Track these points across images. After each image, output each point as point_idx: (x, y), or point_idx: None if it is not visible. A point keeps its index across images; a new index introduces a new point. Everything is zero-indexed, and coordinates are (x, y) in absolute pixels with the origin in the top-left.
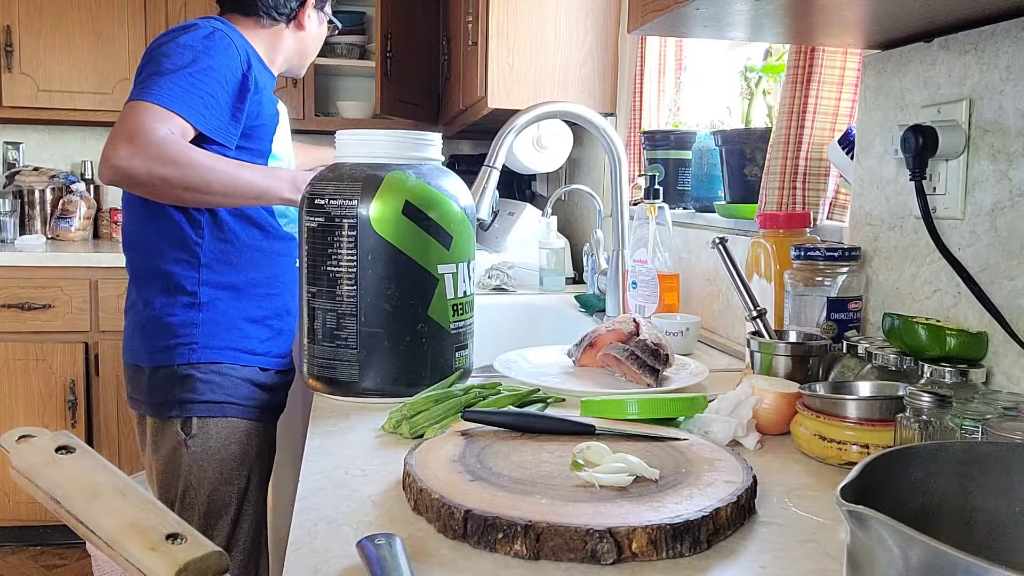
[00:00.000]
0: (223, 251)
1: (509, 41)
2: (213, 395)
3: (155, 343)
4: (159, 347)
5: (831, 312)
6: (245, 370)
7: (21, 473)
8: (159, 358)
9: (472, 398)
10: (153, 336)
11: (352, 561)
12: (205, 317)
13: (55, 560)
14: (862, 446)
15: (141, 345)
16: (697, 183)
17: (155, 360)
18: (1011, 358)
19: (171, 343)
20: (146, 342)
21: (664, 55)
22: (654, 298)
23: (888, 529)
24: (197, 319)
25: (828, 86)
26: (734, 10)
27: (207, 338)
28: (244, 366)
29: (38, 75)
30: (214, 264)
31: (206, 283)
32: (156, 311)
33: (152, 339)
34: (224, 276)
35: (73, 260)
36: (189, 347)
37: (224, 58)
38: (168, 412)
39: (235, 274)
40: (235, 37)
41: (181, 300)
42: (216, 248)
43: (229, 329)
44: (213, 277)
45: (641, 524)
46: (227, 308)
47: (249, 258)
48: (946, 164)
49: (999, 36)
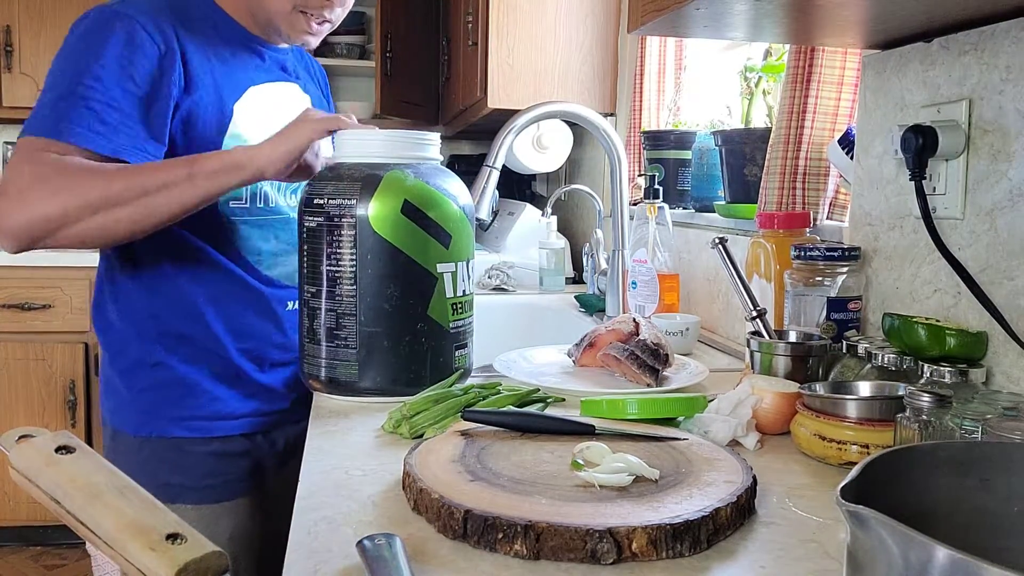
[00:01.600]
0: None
1: (509, 41)
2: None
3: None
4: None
5: (831, 312)
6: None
7: (21, 473)
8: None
9: (472, 398)
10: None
11: (352, 561)
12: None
13: (55, 560)
14: (862, 446)
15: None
16: (697, 183)
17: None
18: (1011, 358)
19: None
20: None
21: (664, 55)
22: (654, 298)
23: (888, 529)
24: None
25: (828, 86)
26: (734, 10)
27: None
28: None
29: (38, 75)
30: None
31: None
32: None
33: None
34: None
35: (73, 260)
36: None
37: (115, 50)
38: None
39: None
40: (142, 9)
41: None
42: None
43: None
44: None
45: (641, 524)
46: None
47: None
48: (946, 164)
49: (999, 36)
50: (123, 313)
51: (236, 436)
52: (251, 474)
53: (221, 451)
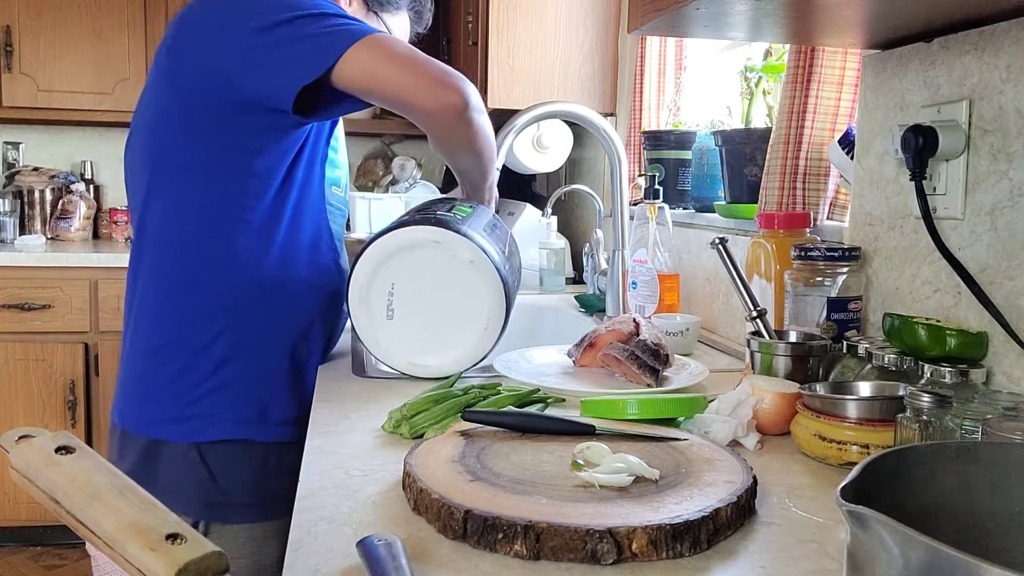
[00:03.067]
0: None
1: (509, 41)
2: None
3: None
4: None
5: (831, 312)
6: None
7: (21, 473)
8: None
9: (472, 398)
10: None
11: (352, 561)
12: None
13: (55, 560)
14: (862, 446)
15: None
16: (697, 183)
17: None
18: (1011, 358)
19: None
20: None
21: (664, 55)
22: (654, 298)
23: (888, 529)
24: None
25: (828, 86)
26: (734, 10)
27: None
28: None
29: (38, 75)
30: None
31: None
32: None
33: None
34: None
35: (73, 260)
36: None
37: None
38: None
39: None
40: None
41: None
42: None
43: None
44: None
45: (641, 524)
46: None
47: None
48: (946, 164)
49: (999, 36)
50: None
51: (289, 443)
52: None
53: (276, 462)
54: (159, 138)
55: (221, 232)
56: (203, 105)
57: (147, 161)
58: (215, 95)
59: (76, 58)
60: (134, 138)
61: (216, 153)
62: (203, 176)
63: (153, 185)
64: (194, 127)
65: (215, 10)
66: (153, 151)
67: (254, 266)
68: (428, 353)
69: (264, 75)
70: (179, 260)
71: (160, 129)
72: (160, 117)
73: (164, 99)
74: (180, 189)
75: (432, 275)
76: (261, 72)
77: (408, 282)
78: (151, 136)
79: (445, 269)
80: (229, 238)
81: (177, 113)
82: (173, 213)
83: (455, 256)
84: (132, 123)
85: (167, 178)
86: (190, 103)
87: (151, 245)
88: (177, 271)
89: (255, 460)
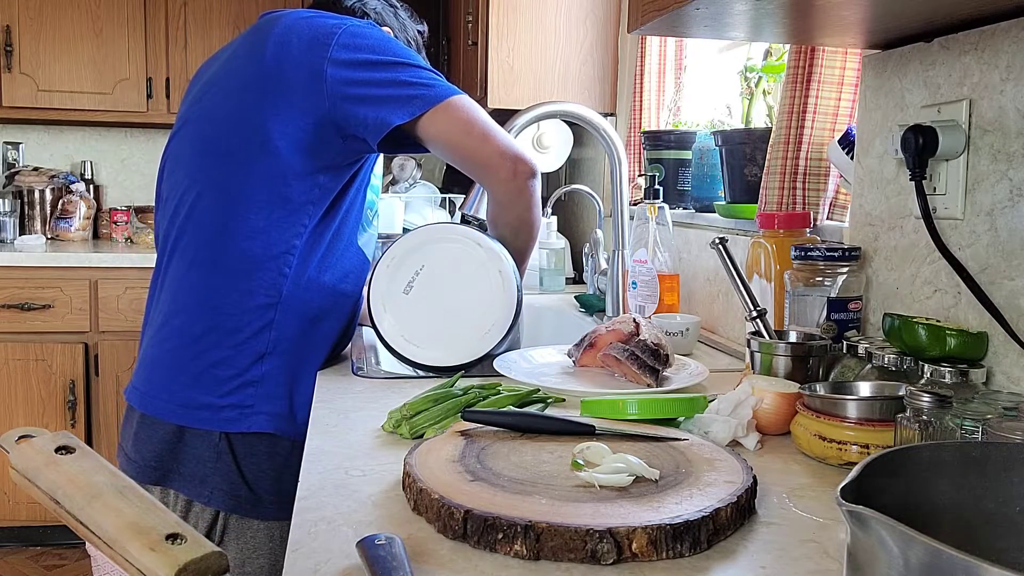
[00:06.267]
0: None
1: (509, 41)
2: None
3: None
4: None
5: (831, 312)
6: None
7: (21, 473)
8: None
9: (472, 398)
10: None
11: (352, 561)
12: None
13: (55, 560)
14: (862, 446)
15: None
16: (697, 183)
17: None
18: (1011, 358)
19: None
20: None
21: (664, 55)
22: (654, 298)
23: (888, 529)
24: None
25: (828, 86)
26: (734, 10)
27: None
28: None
29: (38, 75)
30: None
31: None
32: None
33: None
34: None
35: (73, 260)
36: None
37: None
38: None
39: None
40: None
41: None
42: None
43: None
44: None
45: (641, 524)
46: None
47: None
48: (946, 164)
49: (999, 36)
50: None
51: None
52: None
53: (297, 462)
54: (238, 134)
55: (282, 231)
56: (298, 121)
57: (211, 152)
58: (313, 114)
59: (76, 58)
60: (189, 129)
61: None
62: (278, 179)
63: (213, 175)
64: (282, 136)
65: (316, 34)
66: (226, 145)
67: (302, 267)
68: (422, 338)
69: (363, 106)
70: (233, 250)
71: (243, 129)
72: (244, 118)
73: (252, 103)
74: (248, 184)
75: (461, 272)
76: (361, 104)
77: (437, 269)
78: (230, 129)
79: (475, 271)
80: (287, 238)
81: (265, 120)
82: (237, 204)
83: (486, 263)
84: (188, 113)
85: (235, 172)
86: (287, 116)
87: (198, 231)
88: (232, 261)
89: (280, 457)
